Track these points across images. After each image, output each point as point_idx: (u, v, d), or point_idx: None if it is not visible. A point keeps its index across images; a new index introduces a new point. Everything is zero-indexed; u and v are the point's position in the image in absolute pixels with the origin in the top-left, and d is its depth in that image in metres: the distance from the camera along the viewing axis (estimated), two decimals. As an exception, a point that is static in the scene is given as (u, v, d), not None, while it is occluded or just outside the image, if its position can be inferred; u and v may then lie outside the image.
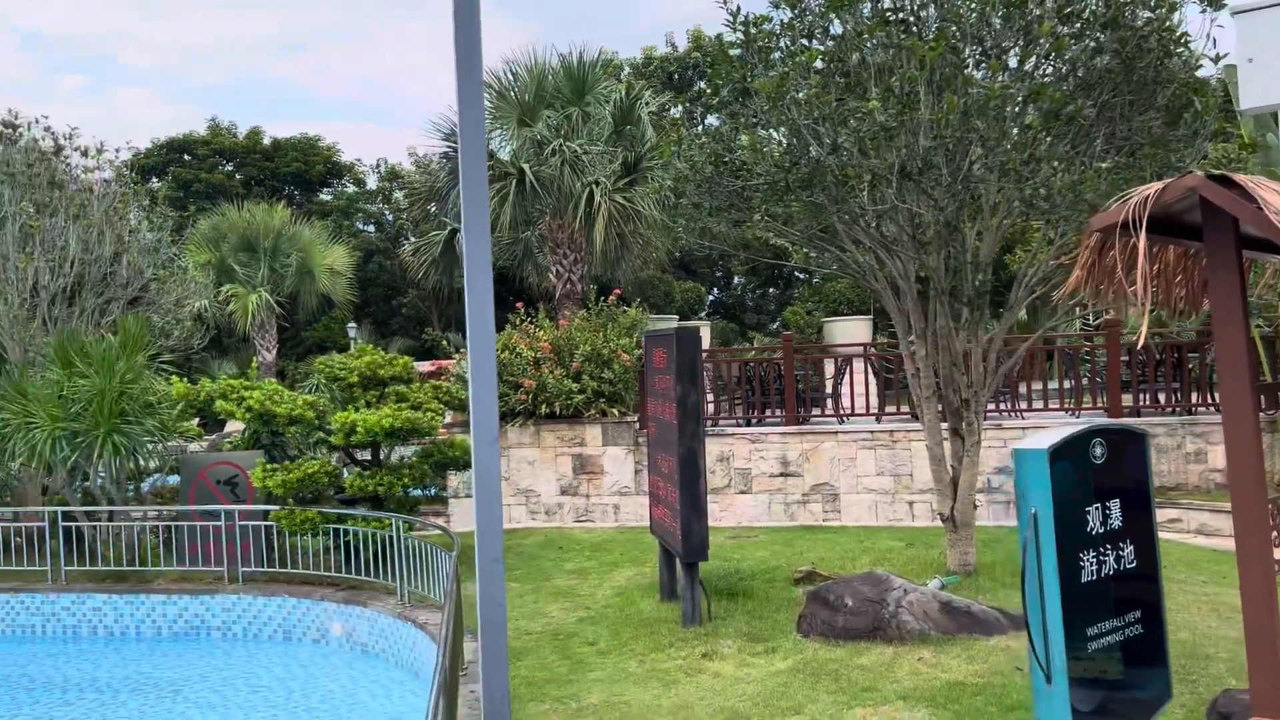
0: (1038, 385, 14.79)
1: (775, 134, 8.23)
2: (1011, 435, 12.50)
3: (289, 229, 28.56)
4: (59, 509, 11.29)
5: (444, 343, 22.41)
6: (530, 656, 7.40)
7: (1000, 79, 7.27)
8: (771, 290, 37.43)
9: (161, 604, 10.67)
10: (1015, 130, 7.33)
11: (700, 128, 9.91)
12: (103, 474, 11.48)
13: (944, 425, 9.15)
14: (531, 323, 15.11)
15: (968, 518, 8.80)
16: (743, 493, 13.41)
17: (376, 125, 65.71)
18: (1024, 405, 13.53)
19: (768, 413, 14.14)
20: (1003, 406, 13.37)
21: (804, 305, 31.67)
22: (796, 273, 34.13)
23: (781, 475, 13.29)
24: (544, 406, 13.97)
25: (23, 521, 11.93)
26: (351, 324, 33.36)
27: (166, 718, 8.22)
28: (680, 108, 26.80)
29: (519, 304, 15.82)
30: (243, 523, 10.77)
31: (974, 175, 7.36)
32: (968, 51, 7.45)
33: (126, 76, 68.23)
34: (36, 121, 13.41)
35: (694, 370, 7.66)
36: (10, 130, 13.02)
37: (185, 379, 11.85)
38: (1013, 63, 7.70)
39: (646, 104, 20.19)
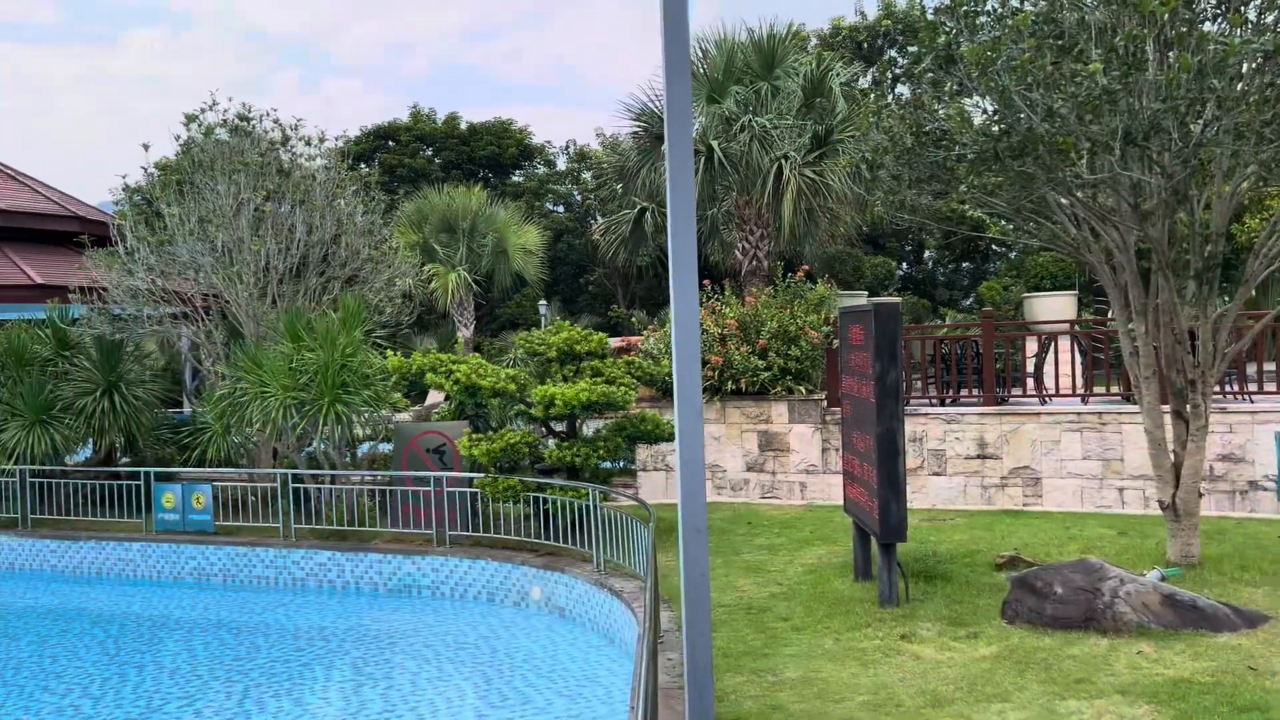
0: (1269, 366, 13.60)
1: (982, 102, 7.89)
2: (1238, 420, 11.56)
3: (485, 210, 29.78)
4: (289, 471, 12.30)
5: (631, 319, 22.82)
6: (724, 629, 7.50)
7: (1239, 34, 6.69)
8: (966, 265, 35.94)
9: (378, 562, 11.47)
10: (1254, 89, 6.73)
11: (891, 98, 9.64)
12: (325, 440, 12.40)
13: (1164, 408, 8.57)
14: (718, 300, 15.16)
15: (1191, 506, 8.23)
16: (936, 474, 13.03)
17: (563, 107, 67.37)
18: (1253, 388, 12.47)
19: (963, 392, 13.65)
20: (1227, 389, 12.36)
21: (1001, 280, 30.27)
22: (994, 246, 32.62)
23: (979, 457, 12.82)
24: (730, 383, 14.03)
25: (257, 482, 13.09)
26: (542, 301, 34.49)
27: (385, 668, 8.84)
28: (869, 77, 26.09)
29: (705, 281, 15.91)
30: (450, 489, 11.41)
31: (1206, 139, 6.82)
32: (1202, 4, 6.89)
33: (337, 69, 72.79)
34: (267, 114, 14.56)
35: (894, 346, 7.50)
36: (245, 123, 14.19)
37: (396, 353, 12.61)
38: (1251, 15, 7.07)
39: (837, 75, 19.77)
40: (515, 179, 41.63)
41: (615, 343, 18.04)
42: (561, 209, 41.19)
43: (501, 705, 7.73)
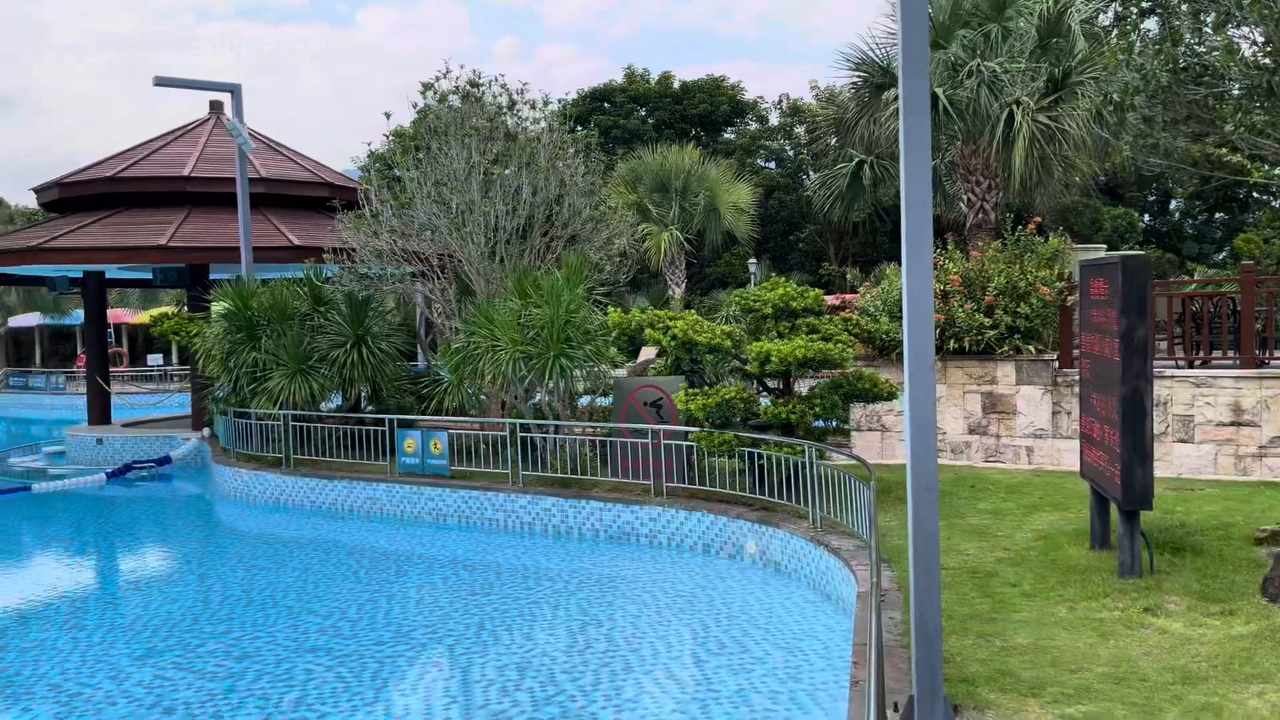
0: None
1: (1252, 33, 7.15)
2: None
3: (698, 169, 29.96)
4: (517, 421, 12.98)
5: (845, 276, 22.39)
6: (948, 591, 7.32)
7: None
8: (1219, 216, 32.77)
9: (599, 510, 11.94)
10: None
11: (1136, 35, 8.86)
12: (550, 392, 12.98)
13: None
14: (941, 255, 14.59)
15: None
16: (1182, 441, 12.08)
17: (774, 63, 66.28)
18: None
19: (1215, 353, 12.53)
20: None
21: (1261, 232, 27.41)
22: (1255, 194, 29.53)
23: (1233, 424, 11.78)
24: (952, 342, 13.51)
25: (488, 431, 13.89)
26: (752, 260, 34.39)
27: (606, 610, 9.22)
28: (1111, 13, 24.11)
29: (928, 235, 15.32)
30: (666, 442, 11.68)
31: None
32: None
33: (551, 35, 74.80)
34: (495, 80, 15.23)
35: (1142, 302, 6.98)
36: (475, 89, 14.90)
37: (615, 310, 12.97)
38: None
39: (1077, 12, 18.39)
40: (727, 136, 41.53)
41: (830, 300, 17.79)
42: (773, 165, 40.75)
43: (719, 653, 7.90)
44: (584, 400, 14.82)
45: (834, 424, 14.87)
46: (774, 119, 42.07)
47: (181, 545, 13.47)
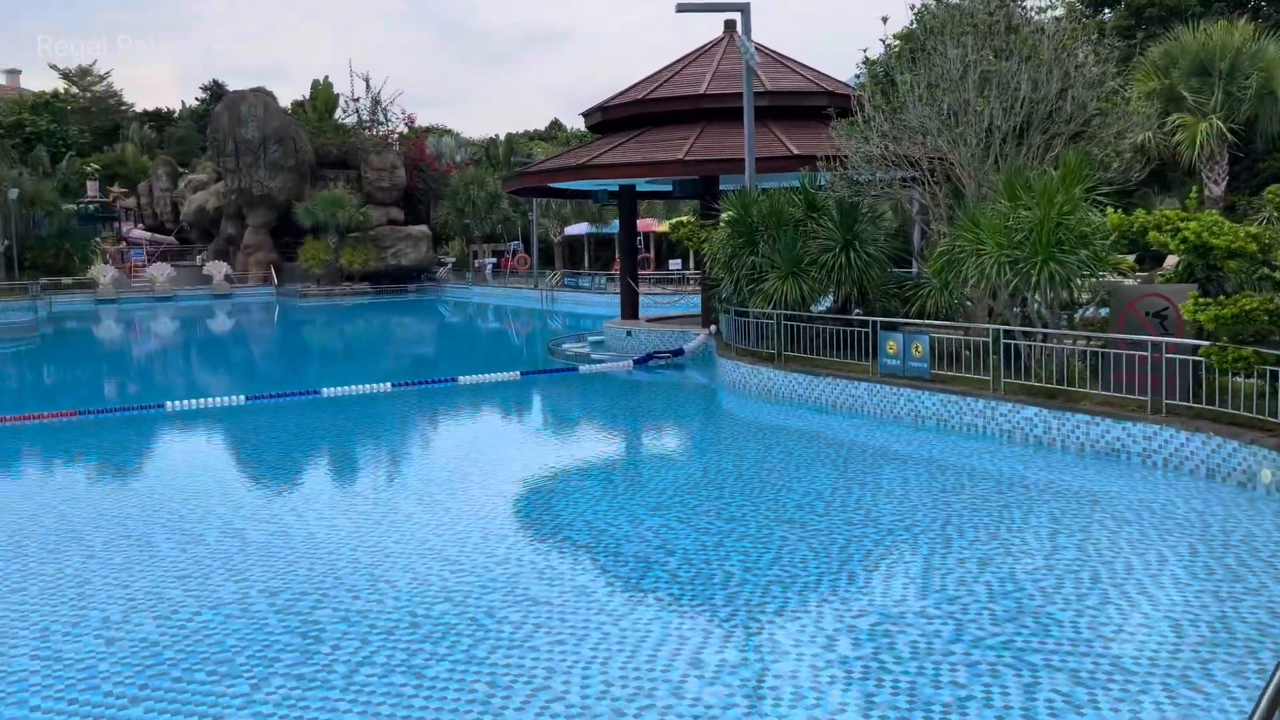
0: None
1: None
2: None
3: (1249, 47, 25.55)
4: (1001, 327, 12.71)
5: None
6: None
7: None
8: None
9: (1085, 423, 11.37)
10: None
11: None
12: (1039, 299, 12.47)
13: None
14: None
15: None
16: None
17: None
18: None
19: None
20: None
21: None
22: None
23: None
24: None
25: (971, 336, 13.75)
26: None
27: (1082, 521, 8.92)
28: None
29: None
30: (1169, 355, 10.71)
31: None
32: None
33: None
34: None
35: None
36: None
37: (1119, 211, 11.98)
38: None
39: None
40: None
41: None
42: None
43: (1206, 578, 7.36)
44: (1081, 310, 13.98)
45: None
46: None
47: (686, 424, 15.37)
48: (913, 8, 15.20)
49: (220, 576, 7.90)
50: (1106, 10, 36.26)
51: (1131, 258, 14.99)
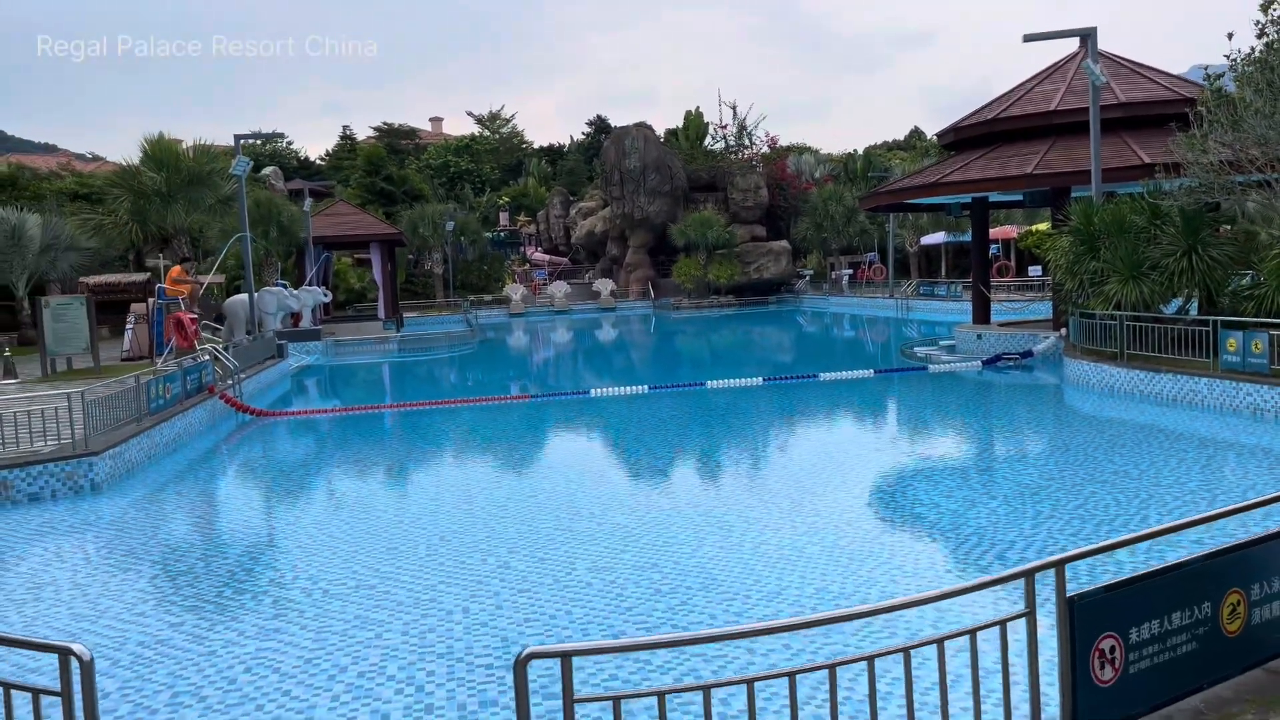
0: None
1: None
2: None
3: None
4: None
5: None
6: None
7: None
8: None
9: None
10: None
11: None
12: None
13: None
14: None
15: None
16: None
17: None
18: None
19: None
20: None
21: None
22: None
23: None
24: None
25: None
26: None
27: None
28: None
29: None
30: None
31: None
32: None
33: None
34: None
35: None
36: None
37: None
38: None
39: None
40: None
41: None
42: None
43: None
44: None
45: None
46: None
47: (1022, 416, 17.11)
48: (1257, 23, 15.80)
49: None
50: None
51: None
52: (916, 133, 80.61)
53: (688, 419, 17.88)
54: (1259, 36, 15.80)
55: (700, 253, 55.11)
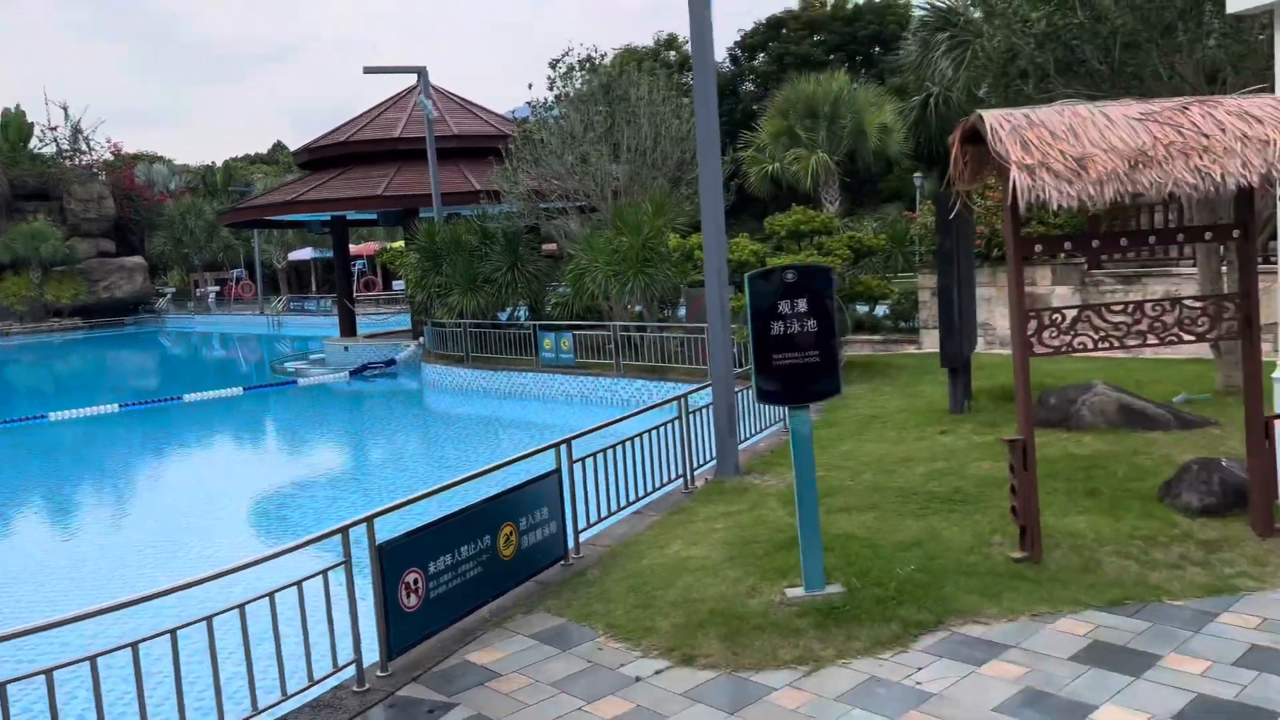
0: None
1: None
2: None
3: (846, 93, 32.03)
4: (617, 323, 16.95)
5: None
6: (837, 427, 10.62)
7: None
8: None
9: (671, 389, 15.76)
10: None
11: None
12: (639, 302, 16.84)
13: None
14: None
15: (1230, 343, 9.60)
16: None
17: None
18: None
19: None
20: None
21: None
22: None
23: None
24: (995, 250, 16.10)
25: (597, 332, 17.99)
26: (917, 175, 36.09)
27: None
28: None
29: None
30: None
31: None
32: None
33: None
34: (605, 54, 18.85)
35: (947, 226, 9.91)
36: (589, 63, 18.61)
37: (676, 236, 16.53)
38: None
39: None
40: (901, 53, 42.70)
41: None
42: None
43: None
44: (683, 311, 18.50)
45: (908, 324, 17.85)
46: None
47: (385, 419, 18.63)
48: (549, 78, 19.32)
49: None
50: (761, 55, 42.82)
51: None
52: (280, 146, 79.79)
53: (25, 458, 16.14)
54: (549, 89, 19.29)
55: (34, 270, 48.41)
